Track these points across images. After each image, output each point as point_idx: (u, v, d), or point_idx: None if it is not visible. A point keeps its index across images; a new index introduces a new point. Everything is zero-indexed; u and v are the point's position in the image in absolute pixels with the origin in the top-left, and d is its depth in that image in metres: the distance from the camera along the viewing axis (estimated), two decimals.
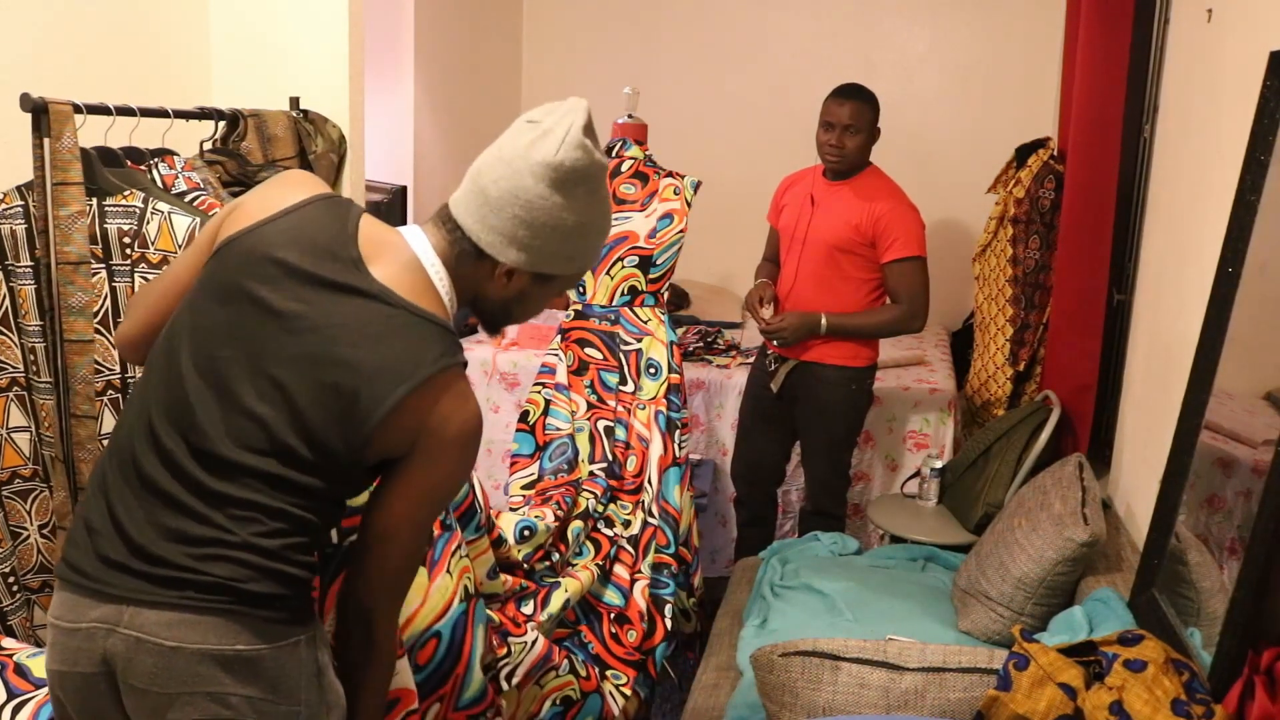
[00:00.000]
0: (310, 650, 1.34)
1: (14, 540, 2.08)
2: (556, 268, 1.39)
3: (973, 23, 4.47)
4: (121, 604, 1.26)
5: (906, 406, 3.51)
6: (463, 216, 1.36)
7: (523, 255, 1.35)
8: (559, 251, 1.37)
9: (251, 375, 1.29)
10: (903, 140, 4.48)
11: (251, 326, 1.29)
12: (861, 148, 2.98)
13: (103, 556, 1.28)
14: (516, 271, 1.37)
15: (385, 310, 1.30)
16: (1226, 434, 1.93)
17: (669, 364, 2.87)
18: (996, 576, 2.30)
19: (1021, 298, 3.65)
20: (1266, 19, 1.97)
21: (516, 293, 1.40)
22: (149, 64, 2.60)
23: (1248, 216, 1.82)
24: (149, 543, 1.27)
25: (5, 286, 2.00)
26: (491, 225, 1.34)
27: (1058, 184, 3.51)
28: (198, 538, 1.26)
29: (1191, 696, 1.60)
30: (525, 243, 1.34)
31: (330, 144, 2.63)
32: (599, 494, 2.74)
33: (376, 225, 1.38)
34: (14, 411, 2.05)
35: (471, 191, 1.36)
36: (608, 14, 4.70)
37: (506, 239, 1.34)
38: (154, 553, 1.26)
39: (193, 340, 1.32)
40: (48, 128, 1.95)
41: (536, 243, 1.34)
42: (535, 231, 1.34)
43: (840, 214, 2.99)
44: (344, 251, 1.31)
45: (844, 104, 2.95)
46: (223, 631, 1.26)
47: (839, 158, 2.97)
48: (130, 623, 1.26)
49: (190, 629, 1.25)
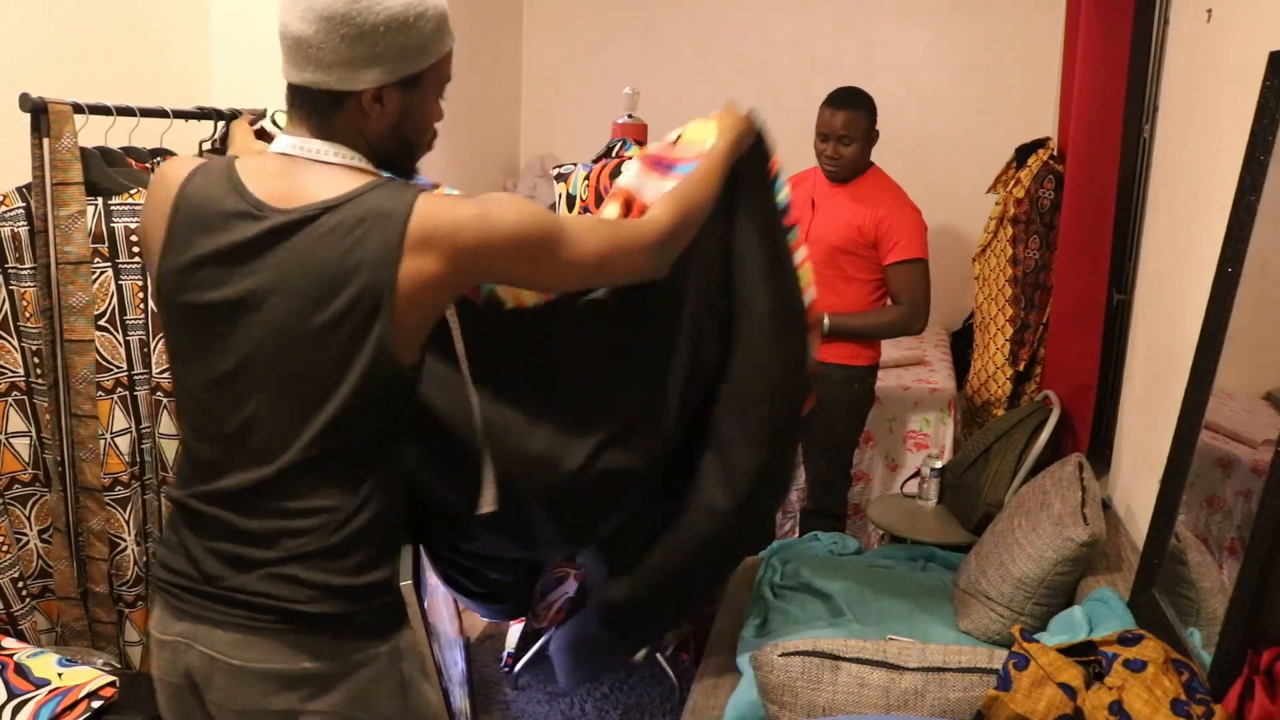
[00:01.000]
0: (392, 663, 1.29)
1: (17, 546, 2.07)
2: (417, 63, 1.27)
3: (973, 23, 4.46)
4: (197, 621, 1.26)
5: (906, 406, 3.51)
6: (298, 75, 1.25)
7: (374, 71, 1.24)
8: (405, 47, 1.24)
9: (256, 375, 1.25)
10: (903, 140, 4.48)
11: (227, 329, 1.25)
12: (859, 154, 2.99)
13: (178, 571, 1.29)
14: (384, 91, 1.25)
15: (321, 223, 1.21)
16: (1226, 434, 1.93)
17: None
18: (996, 576, 2.30)
19: (1021, 298, 3.65)
20: (1266, 19, 1.97)
21: (398, 112, 1.28)
22: (149, 64, 2.60)
23: (1247, 216, 1.82)
24: (210, 566, 1.26)
25: (5, 290, 2.00)
26: (328, 62, 1.22)
27: (1058, 184, 3.51)
28: (252, 560, 1.24)
29: (1191, 696, 1.61)
30: (368, 57, 1.23)
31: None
32: None
33: (253, 160, 1.31)
34: (13, 417, 2.04)
35: (288, 47, 1.25)
36: (608, 14, 4.69)
37: (350, 65, 1.23)
38: (214, 574, 1.25)
39: (188, 373, 1.30)
40: (47, 128, 1.95)
41: (378, 51, 1.23)
42: (370, 41, 1.22)
43: (842, 216, 3.00)
44: (244, 205, 1.24)
45: (837, 113, 2.96)
46: (288, 651, 1.23)
47: (837, 166, 3.00)
48: (205, 640, 1.26)
49: (256, 649, 1.23)
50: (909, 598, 2.46)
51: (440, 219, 1.20)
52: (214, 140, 2.46)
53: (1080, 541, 2.19)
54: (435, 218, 1.20)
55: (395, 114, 1.27)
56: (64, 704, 1.71)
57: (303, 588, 1.23)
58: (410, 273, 1.18)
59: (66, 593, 2.09)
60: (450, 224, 1.21)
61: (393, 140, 1.30)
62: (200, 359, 1.28)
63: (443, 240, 1.20)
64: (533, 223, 1.26)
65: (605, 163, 2.96)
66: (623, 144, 2.97)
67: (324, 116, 1.26)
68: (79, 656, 1.94)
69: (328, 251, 1.19)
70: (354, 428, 1.24)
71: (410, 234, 1.19)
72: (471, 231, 1.21)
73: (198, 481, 1.29)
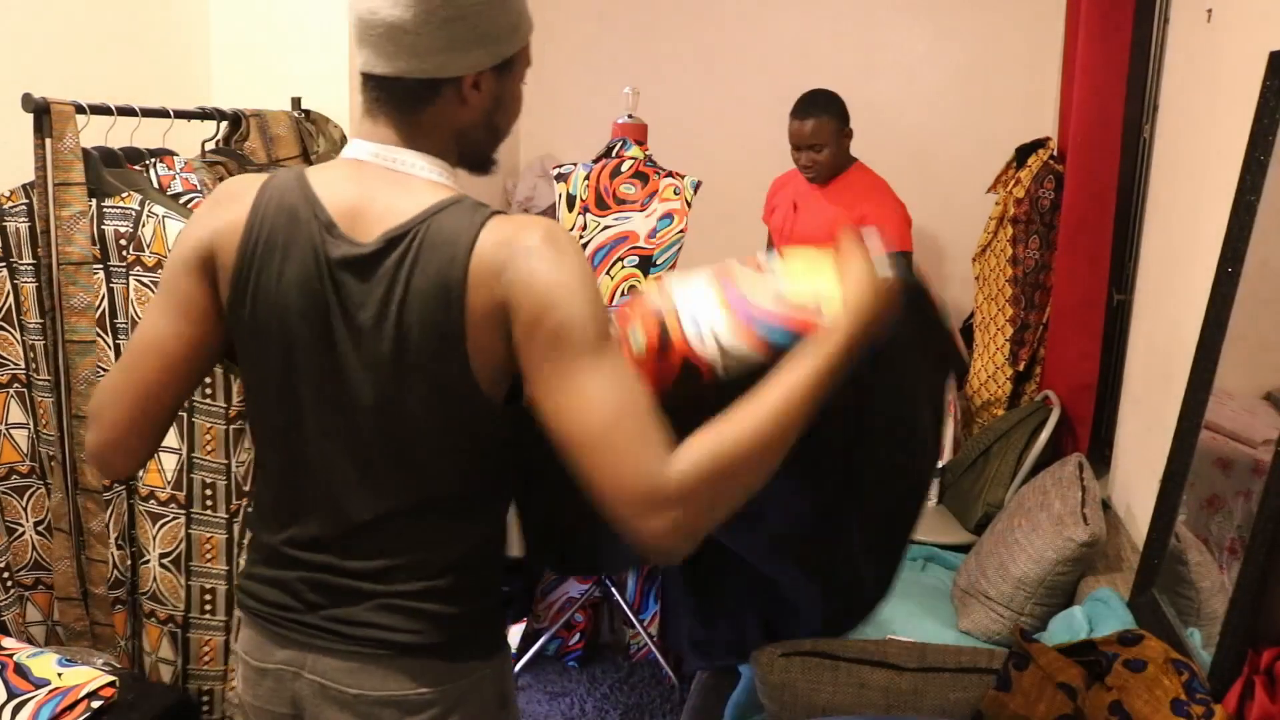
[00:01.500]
0: (495, 683, 1.27)
1: (9, 536, 2.08)
2: (511, 44, 1.19)
3: (973, 23, 4.46)
4: (304, 650, 1.22)
5: None
6: (389, 65, 1.15)
7: (475, 54, 1.15)
8: (503, 26, 1.17)
9: (333, 425, 1.18)
10: (903, 140, 4.48)
11: (306, 379, 1.18)
12: (833, 156, 3.00)
13: (274, 603, 1.24)
14: (482, 77, 1.17)
15: (391, 258, 1.12)
16: (1226, 434, 1.93)
17: None
18: (996, 576, 2.30)
19: (1021, 298, 3.65)
20: (1266, 19, 1.97)
21: (492, 100, 1.20)
22: (150, 64, 2.61)
23: (1247, 216, 1.83)
24: (313, 597, 1.22)
25: (10, 283, 2.01)
26: (426, 48, 1.13)
27: (1058, 184, 3.51)
28: (360, 591, 1.20)
29: (1191, 696, 1.61)
30: (470, 40, 1.14)
31: (332, 144, 2.63)
32: None
33: (325, 172, 1.21)
34: (13, 408, 2.05)
35: (376, 36, 1.14)
36: (608, 14, 4.69)
37: (450, 50, 1.14)
38: (318, 603, 1.22)
39: (265, 415, 1.23)
40: (49, 128, 1.95)
41: (478, 32, 1.14)
42: (470, 23, 1.13)
43: (826, 215, 3.02)
44: (316, 223, 1.15)
45: (805, 122, 2.99)
46: (404, 677, 1.20)
47: (815, 172, 3.03)
48: (314, 668, 1.22)
49: (370, 676, 1.20)
50: (909, 598, 2.47)
51: (508, 261, 1.09)
52: (216, 141, 2.46)
53: (1080, 541, 2.19)
54: (504, 248, 1.09)
55: (489, 101, 1.19)
56: (64, 704, 1.71)
57: (415, 619, 1.19)
58: (473, 307, 1.09)
59: (67, 593, 2.10)
60: (519, 271, 1.09)
61: (485, 130, 1.22)
62: (272, 401, 1.22)
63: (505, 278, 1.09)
64: (595, 315, 1.08)
65: (605, 163, 2.96)
66: (623, 144, 2.97)
67: (413, 111, 1.17)
68: (79, 656, 1.94)
69: (396, 287, 1.12)
70: (452, 471, 1.18)
71: (473, 268, 1.09)
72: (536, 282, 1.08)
73: (288, 523, 1.24)
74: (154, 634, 2.14)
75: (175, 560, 2.09)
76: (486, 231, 1.10)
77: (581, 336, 1.06)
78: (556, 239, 1.10)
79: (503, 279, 1.08)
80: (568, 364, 1.05)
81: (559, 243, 1.10)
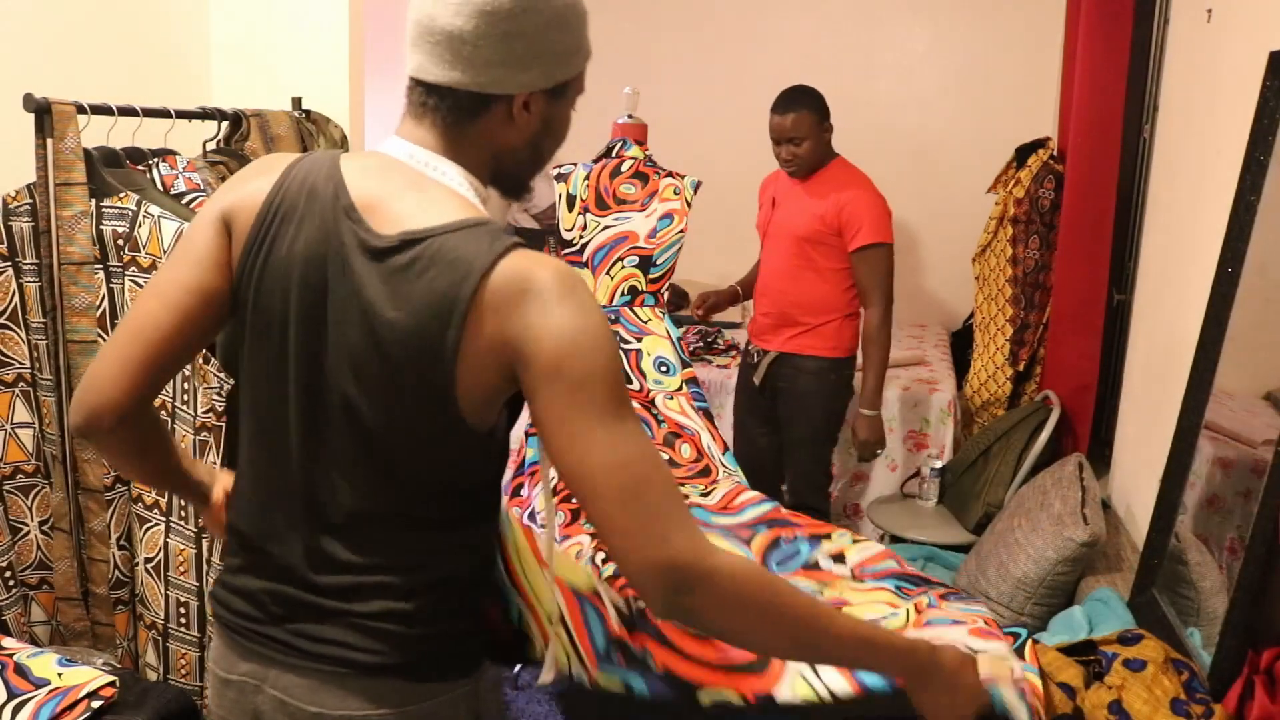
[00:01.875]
0: (466, 705, 1.22)
1: (14, 535, 2.08)
2: (567, 69, 1.17)
3: (973, 23, 4.46)
4: (266, 663, 1.19)
5: (906, 406, 3.51)
6: (442, 73, 1.13)
7: (530, 73, 1.13)
8: (562, 50, 1.16)
9: (315, 412, 1.15)
10: (903, 140, 4.48)
11: (293, 359, 1.15)
12: (814, 150, 2.99)
13: (241, 612, 1.22)
14: (533, 98, 1.15)
15: (401, 257, 1.09)
16: (1226, 434, 1.93)
17: (680, 358, 2.88)
18: (996, 576, 2.30)
19: (1021, 298, 3.65)
20: (1266, 19, 1.97)
21: (540, 123, 1.17)
22: (151, 64, 2.61)
23: (1247, 216, 1.83)
24: (277, 609, 1.19)
25: (15, 283, 2.01)
26: (483, 61, 1.11)
27: (1058, 184, 3.51)
28: (325, 609, 1.17)
29: (1191, 696, 1.61)
30: (527, 58, 1.13)
31: (332, 144, 2.63)
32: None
33: (358, 159, 1.19)
34: (19, 407, 2.06)
35: (433, 43, 1.12)
36: (608, 14, 4.69)
37: (506, 66, 1.12)
38: (282, 615, 1.19)
39: (254, 391, 1.20)
40: (50, 128, 1.95)
41: (536, 52, 1.13)
42: (529, 41, 1.12)
43: (806, 208, 3.01)
44: (341, 216, 1.13)
45: (784, 116, 2.98)
46: (363, 697, 1.16)
47: (796, 166, 3.02)
48: (275, 683, 1.18)
49: (329, 695, 1.16)
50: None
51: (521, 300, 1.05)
52: (217, 141, 2.47)
53: (1080, 541, 2.19)
54: (522, 284, 1.05)
55: (538, 123, 1.17)
56: (64, 704, 1.71)
57: (377, 639, 1.15)
58: (472, 334, 1.06)
59: (68, 593, 2.10)
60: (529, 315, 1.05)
61: (527, 152, 1.20)
62: (259, 380, 1.20)
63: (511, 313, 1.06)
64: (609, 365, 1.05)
65: (605, 163, 2.96)
66: (623, 144, 2.97)
67: (459, 122, 1.15)
68: (79, 656, 1.94)
69: (399, 288, 1.09)
70: (428, 487, 1.15)
71: (483, 295, 1.05)
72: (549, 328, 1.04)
73: (263, 525, 1.21)
74: (143, 638, 2.15)
75: (156, 567, 2.08)
76: (507, 261, 1.06)
77: (605, 391, 1.04)
78: (577, 287, 1.07)
79: (515, 316, 1.04)
80: (593, 419, 1.03)
81: (580, 292, 1.07)
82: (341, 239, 1.12)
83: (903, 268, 3.95)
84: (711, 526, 2.36)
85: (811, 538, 2.23)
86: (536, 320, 1.04)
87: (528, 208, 4.50)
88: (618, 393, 1.05)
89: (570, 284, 1.06)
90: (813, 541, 2.21)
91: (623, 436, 1.04)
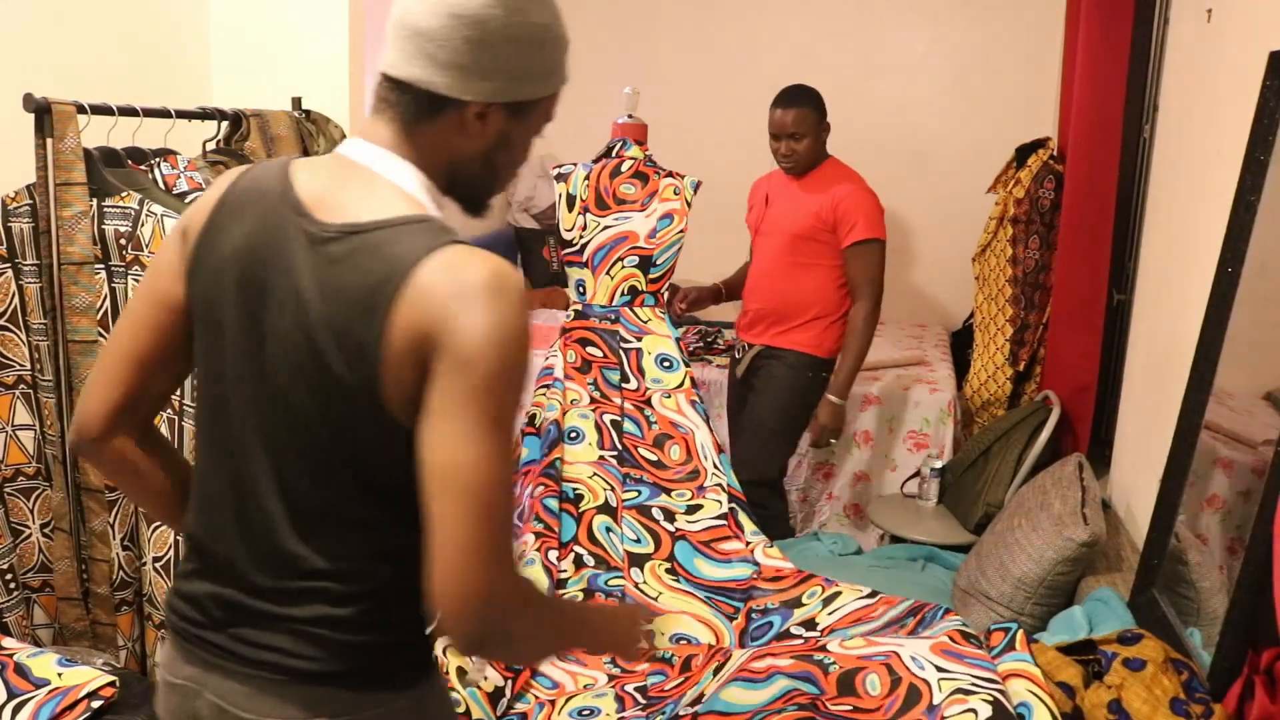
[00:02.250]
0: (413, 714, 1.20)
1: (15, 538, 2.08)
2: (531, 90, 1.16)
3: (973, 23, 4.47)
4: (207, 669, 1.18)
5: (906, 406, 3.52)
6: (405, 69, 1.13)
7: (490, 84, 1.13)
8: (527, 69, 1.15)
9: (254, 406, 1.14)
10: (903, 140, 4.48)
11: (232, 351, 1.15)
12: (812, 147, 3.02)
13: (187, 616, 1.21)
14: (490, 110, 1.14)
15: (340, 247, 1.08)
16: (1226, 434, 1.93)
17: (681, 356, 2.88)
18: (996, 576, 2.31)
19: (1021, 298, 3.65)
20: (1266, 19, 1.97)
21: (496, 136, 1.16)
22: (151, 64, 2.61)
23: (1248, 216, 1.83)
24: (220, 614, 1.18)
25: (15, 284, 2.01)
26: (444, 62, 1.11)
27: (1058, 184, 3.51)
28: (266, 614, 1.15)
29: (1190, 696, 1.61)
30: (488, 68, 1.12)
31: (332, 144, 2.63)
32: (613, 484, 2.71)
33: (310, 161, 1.20)
34: (19, 409, 2.06)
35: (403, 38, 1.13)
36: (608, 14, 4.69)
37: (466, 71, 1.12)
38: (224, 620, 1.18)
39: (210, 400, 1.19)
40: (50, 128, 1.95)
41: (499, 64, 1.12)
42: (494, 51, 1.12)
43: (801, 205, 3.03)
44: (286, 210, 1.13)
45: (787, 111, 3.00)
46: (299, 705, 1.14)
47: (793, 162, 3.04)
48: (215, 689, 1.17)
49: (265, 702, 1.14)
50: (909, 598, 2.47)
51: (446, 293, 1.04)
52: (217, 140, 2.47)
53: (1080, 541, 2.19)
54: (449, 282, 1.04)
55: (494, 138, 1.16)
56: (64, 704, 1.71)
57: (315, 645, 1.14)
58: (398, 327, 1.05)
59: (68, 593, 2.10)
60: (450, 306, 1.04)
61: (481, 165, 1.19)
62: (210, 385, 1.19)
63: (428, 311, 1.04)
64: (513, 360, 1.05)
65: (605, 163, 2.96)
66: (623, 144, 2.97)
67: (416, 120, 1.15)
68: (79, 656, 1.94)
69: (334, 278, 1.08)
70: (364, 487, 1.13)
71: (410, 289, 1.04)
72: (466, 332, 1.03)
73: (210, 526, 1.21)
74: (151, 637, 2.14)
75: (165, 566, 2.08)
76: (440, 256, 1.05)
77: (501, 399, 1.03)
78: (507, 289, 1.05)
79: (438, 309, 1.03)
80: (481, 425, 1.02)
81: (511, 294, 1.05)
82: (285, 231, 1.12)
83: (903, 267, 3.95)
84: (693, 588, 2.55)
85: (784, 605, 2.34)
86: (458, 314, 1.03)
87: (528, 208, 4.49)
88: (510, 408, 1.05)
89: (501, 284, 1.05)
90: (784, 612, 2.32)
91: (496, 452, 1.03)
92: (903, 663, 1.70)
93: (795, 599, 2.41)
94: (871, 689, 1.69)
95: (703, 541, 2.64)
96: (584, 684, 2.26)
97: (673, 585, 2.55)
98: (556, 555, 2.57)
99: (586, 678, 2.28)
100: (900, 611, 2.12)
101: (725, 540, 2.64)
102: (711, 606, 2.49)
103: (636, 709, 2.12)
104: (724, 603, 2.51)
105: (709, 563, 2.61)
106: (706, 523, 2.67)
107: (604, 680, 2.27)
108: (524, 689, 2.20)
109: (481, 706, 2.07)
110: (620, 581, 2.55)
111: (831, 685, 1.72)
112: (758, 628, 2.40)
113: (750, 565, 2.58)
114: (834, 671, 1.74)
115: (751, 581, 2.54)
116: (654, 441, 2.78)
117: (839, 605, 2.29)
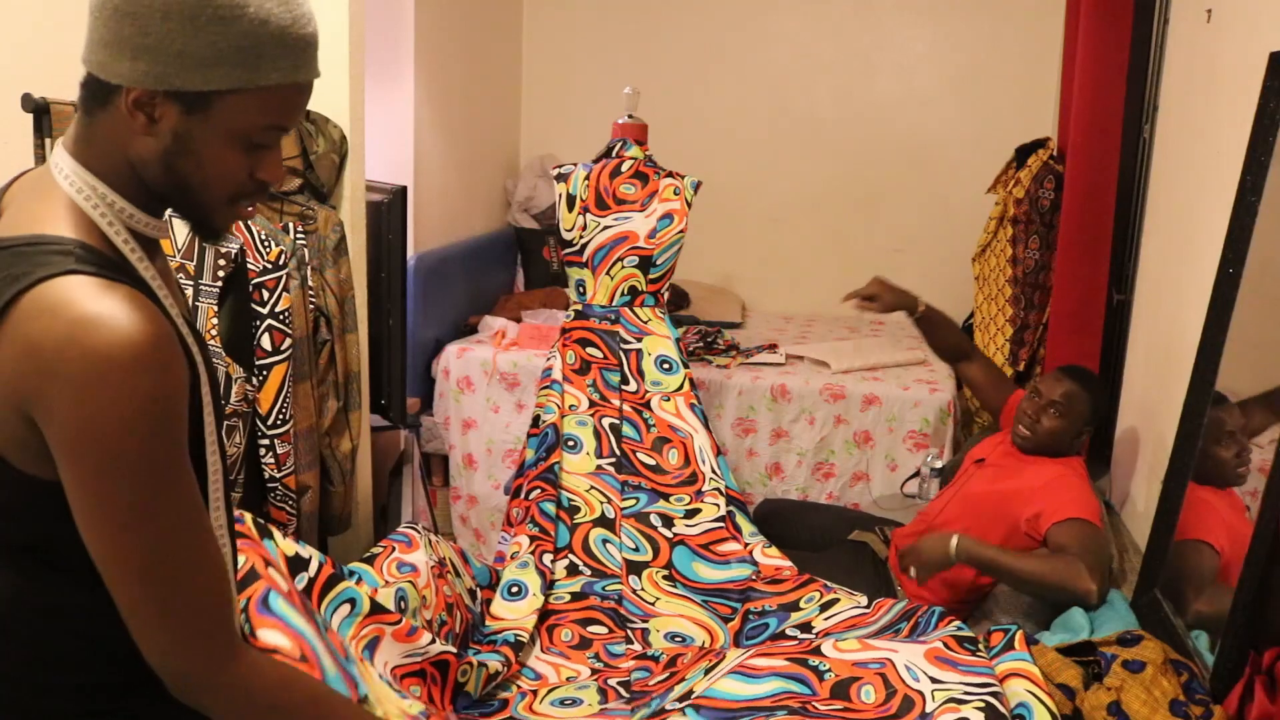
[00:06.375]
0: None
1: None
2: (197, 79, 0.95)
3: (973, 23, 4.46)
4: None
5: (906, 406, 3.51)
6: (83, 51, 0.98)
7: (142, 64, 0.93)
8: (192, 49, 0.93)
9: None
10: (903, 140, 4.48)
11: None
12: (1058, 433, 2.47)
13: None
14: (157, 103, 0.95)
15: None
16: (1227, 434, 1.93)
17: (681, 358, 2.88)
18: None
19: (1021, 298, 3.65)
20: (1266, 19, 1.97)
21: (170, 137, 0.97)
22: None
23: (1248, 216, 1.83)
24: None
25: None
26: (99, 38, 0.95)
27: (1058, 184, 3.51)
28: None
29: (1190, 697, 1.61)
30: (139, 45, 0.93)
31: (332, 144, 2.63)
32: (611, 494, 2.72)
33: (27, 172, 1.07)
34: None
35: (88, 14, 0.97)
36: (608, 14, 4.69)
37: (116, 47, 0.94)
38: None
39: None
40: (49, 128, 1.95)
41: (152, 40, 0.92)
42: (144, 24, 0.92)
43: (1008, 484, 2.48)
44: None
45: (1061, 380, 2.52)
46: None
47: (1030, 433, 2.49)
48: None
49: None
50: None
51: (34, 365, 0.89)
52: None
53: None
54: (40, 333, 0.89)
55: (168, 139, 0.97)
56: None
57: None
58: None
59: None
60: (37, 381, 0.89)
61: (163, 173, 0.99)
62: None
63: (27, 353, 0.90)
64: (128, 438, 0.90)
65: (605, 163, 2.96)
66: (623, 144, 2.97)
67: (90, 114, 0.99)
68: None
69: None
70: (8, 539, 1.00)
71: (8, 324, 0.90)
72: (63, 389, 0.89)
73: None
74: None
75: None
76: (38, 295, 0.90)
77: (132, 482, 0.91)
78: (94, 364, 0.88)
79: (27, 380, 0.89)
80: (119, 509, 0.91)
81: (96, 369, 0.88)
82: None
83: (902, 268, 3.94)
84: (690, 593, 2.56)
85: (781, 608, 2.35)
86: (46, 386, 0.88)
87: (528, 208, 4.49)
88: (150, 482, 0.92)
89: (88, 356, 0.88)
90: (781, 615, 2.33)
91: (153, 531, 0.93)
92: (897, 673, 1.71)
93: (793, 603, 2.41)
94: (866, 699, 1.70)
95: (701, 544, 2.64)
96: (566, 676, 2.28)
97: (670, 591, 2.55)
98: (551, 559, 2.58)
99: (569, 670, 2.30)
100: (894, 615, 2.12)
101: (723, 542, 2.65)
102: (708, 609, 2.50)
103: (619, 701, 2.13)
104: (720, 604, 2.51)
105: (707, 565, 2.61)
106: (705, 526, 2.67)
107: (587, 673, 2.29)
108: (508, 679, 2.21)
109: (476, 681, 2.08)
110: (618, 587, 2.56)
111: (825, 692, 1.72)
112: (753, 629, 2.41)
113: (749, 565, 2.58)
114: (829, 679, 1.74)
115: (750, 582, 2.55)
116: (652, 445, 2.78)
117: (835, 612, 2.30)
